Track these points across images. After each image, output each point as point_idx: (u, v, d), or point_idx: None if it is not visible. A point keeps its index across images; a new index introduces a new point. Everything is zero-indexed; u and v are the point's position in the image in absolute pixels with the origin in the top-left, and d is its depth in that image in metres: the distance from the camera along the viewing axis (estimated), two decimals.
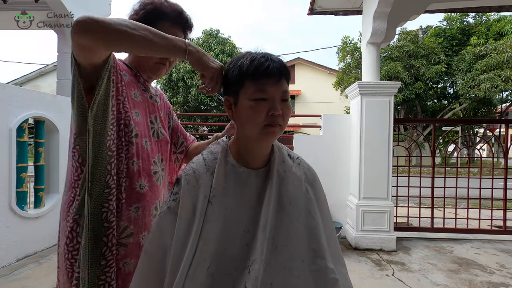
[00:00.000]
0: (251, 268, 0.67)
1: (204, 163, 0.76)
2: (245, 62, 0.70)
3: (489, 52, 11.67)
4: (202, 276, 0.67)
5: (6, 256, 2.69)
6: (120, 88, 0.90)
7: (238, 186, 0.74)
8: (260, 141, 0.74)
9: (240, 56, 0.74)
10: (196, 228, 0.69)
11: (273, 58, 0.71)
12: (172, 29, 0.95)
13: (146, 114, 0.99)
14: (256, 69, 0.69)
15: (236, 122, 0.75)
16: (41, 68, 17.35)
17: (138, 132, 0.93)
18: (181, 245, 0.69)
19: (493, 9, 4.58)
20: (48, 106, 3.15)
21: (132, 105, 0.93)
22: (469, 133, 4.27)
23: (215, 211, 0.71)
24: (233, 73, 0.72)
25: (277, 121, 0.70)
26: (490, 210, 3.66)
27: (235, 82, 0.72)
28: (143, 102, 0.99)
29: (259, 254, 0.68)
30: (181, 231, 0.70)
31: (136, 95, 0.96)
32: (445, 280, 2.54)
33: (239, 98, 0.72)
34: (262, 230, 0.70)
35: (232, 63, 0.74)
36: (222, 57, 14.15)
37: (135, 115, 0.93)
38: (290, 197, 0.74)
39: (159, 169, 0.99)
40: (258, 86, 0.69)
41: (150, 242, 0.75)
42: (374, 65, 3.48)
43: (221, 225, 0.70)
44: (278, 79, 0.70)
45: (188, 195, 0.72)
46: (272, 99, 0.70)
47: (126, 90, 0.92)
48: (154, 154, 0.98)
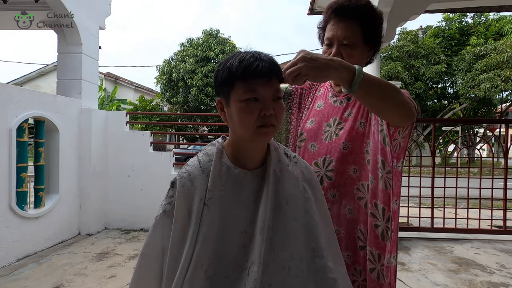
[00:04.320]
0: (250, 270, 0.67)
1: (199, 165, 0.76)
2: (234, 63, 0.69)
3: (489, 52, 11.68)
4: (200, 279, 0.67)
5: (6, 256, 2.69)
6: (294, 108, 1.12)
7: (234, 187, 0.73)
8: (254, 142, 0.73)
9: (229, 57, 0.72)
10: (192, 231, 0.69)
11: (262, 57, 0.69)
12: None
13: (322, 120, 1.04)
14: (245, 70, 0.67)
15: (229, 123, 0.74)
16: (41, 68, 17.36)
17: (307, 136, 1.04)
18: (178, 248, 0.69)
19: (493, 9, 4.58)
20: (48, 106, 3.15)
21: (311, 114, 1.07)
22: (469, 133, 4.27)
23: (211, 214, 0.70)
24: (223, 75, 0.71)
25: (270, 121, 0.69)
26: (490, 210, 3.66)
27: (225, 83, 0.71)
28: (325, 108, 1.06)
29: (257, 255, 0.67)
30: (177, 234, 0.70)
31: (319, 105, 1.07)
32: (445, 280, 2.54)
33: (230, 100, 0.71)
34: (260, 231, 0.69)
35: (222, 64, 0.73)
36: (222, 57, 14.16)
37: (309, 123, 1.05)
38: (287, 196, 0.74)
39: (321, 171, 1.00)
40: (248, 86, 0.68)
41: (147, 245, 0.75)
42: (374, 65, 3.48)
43: (218, 227, 0.70)
44: (269, 78, 0.69)
45: (183, 198, 0.72)
46: (264, 99, 0.69)
47: (312, 104, 1.09)
48: (318, 156, 1.00)
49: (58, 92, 3.66)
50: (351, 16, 0.94)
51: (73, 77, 3.71)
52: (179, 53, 15.34)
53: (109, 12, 4.28)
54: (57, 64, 3.81)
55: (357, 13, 0.94)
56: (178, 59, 15.14)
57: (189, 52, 14.84)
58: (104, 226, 3.85)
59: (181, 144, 14.26)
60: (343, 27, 0.94)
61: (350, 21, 0.94)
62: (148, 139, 3.95)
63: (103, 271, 2.60)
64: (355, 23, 0.94)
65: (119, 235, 3.61)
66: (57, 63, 3.82)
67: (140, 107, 14.82)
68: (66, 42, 3.71)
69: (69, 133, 3.43)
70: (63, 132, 3.32)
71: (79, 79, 3.71)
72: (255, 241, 0.69)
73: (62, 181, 3.31)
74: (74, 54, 3.72)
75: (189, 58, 14.62)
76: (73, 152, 3.49)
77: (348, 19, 0.94)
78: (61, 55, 3.76)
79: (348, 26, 0.94)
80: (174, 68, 14.78)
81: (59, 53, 3.76)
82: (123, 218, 3.85)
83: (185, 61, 14.72)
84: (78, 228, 3.59)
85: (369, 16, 0.96)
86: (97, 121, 3.73)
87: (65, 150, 3.36)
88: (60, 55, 3.76)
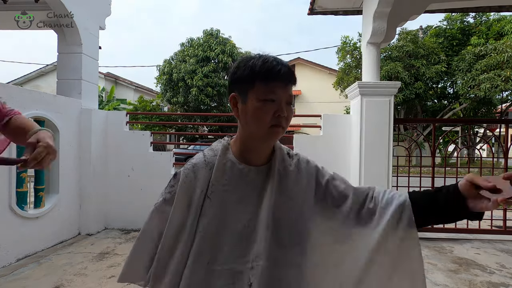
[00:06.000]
0: (255, 264, 0.69)
1: (204, 159, 0.79)
2: (257, 63, 0.73)
3: (489, 52, 11.66)
4: (202, 270, 0.70)
5: (6, 256, 2.69)
6: None
7: (238, 182, 0.76)
8: (265, 140, 0.76)
9: (250, 57, 0.76)
10: (191, 221, 0.73)
11: (283, 63, 0.74)
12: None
13: None
14: (268, 71, 0.71)
15: (241, 120, 0.77)
16: (41, 68, 17.33)
17: None
18: (174, 235, 0.74)
19: (493, 9, 4.58)
20: (48, 106, 3.15)
21: None
22: (469, 133, 4.27)
23: (214, 206, 0.73)
24: (244, 72, 0.74)
25: (281, 123, 0.73)
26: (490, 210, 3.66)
27: (245, 81, 0.74)
28: None
29: (262, 249, 0.70)
30: (174, 221, 0.74)
31: None
32: (445, 280, 2.54)
33: (247, 97, 0.74)
34: (264, 226, 0.72)
35: (243, 62, 0.75)
36: (222, 57, 14.15)
37: None
38: (291, 193, 0.77)
39: None
40: (268, 88, 0.72)
41: (143, 231, 0.81)
42: (374, 65, 3.48)
43: (220, 220, 0.73)
44: (287, 83, 0.73)
45: (185, 189, 0.76)
46: (280, 101, 0.72)
47: None
48: None
49: (58, 92, 3.66)
50: None
51: (73, 77, 3.71)
52: (179, 53, 15.32)
53: (109, 12, 4.28)
54: (57, 64, 3.81)
55: None
56: (178, 59, 15.12)
57: (189, 52, 14.82)
58: (104, 226, 3.85)
59: (181, 144, 14.26)
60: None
61: None
62: (148, 139, 3.95)
63: (103, 271, 2.60)
64: None
65: (119, 235, 3.61)
66: (57, 63, 3.82)
67: (140, 107, 14.81)
68: (66, 42, 3.70)
69: (69, 133, 3.43)
70: (63, 132, 3.32)
71: (79, 79, 3.71)
72: (258, 235, 0.72)
73: (62, 181, 3.31)
74: (74, 54, 3.72)
75: (189, 58, 14.61)
76: (73, 152, 3.49)
77: None
78: (61, 55, 3.76)
79: None
80: (175, 68, 14.76)
81: (59, 53, 3.76)
82: (123, 218, 3.85)
83: (185, 61, 14.70)
84: (78, 228, 3.59)
85: None
86: (97, 121, 3.73)
87: (65, 150, 3.36)
88: (60, 55, 3.76)
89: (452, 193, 0.68)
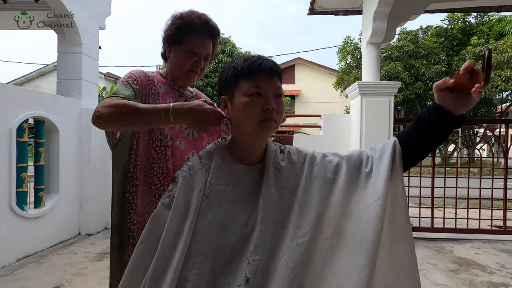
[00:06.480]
0: (251, 259, 0.70)
1: (200, 161, 0.80)
2: (239, 62, 0.75)
3: None
4: (202, 269, 0.70)
5: (6, 256, 2.69)
6: (153, 103, 1.03)
7: (235, 181, 0.77)
8: (256, 136, 0.77)
9: (234, 59, 0.79)
10: (190, 221, 0.72)
11: (266, 58, 0.76)
12: (200, 38, 1.07)
13: None
14: (250, 66, 0.73)
15: (233, 120, 0.78)
16: (41, 68, 17.35)
17: (173, 136, 1.04)
18: (174, 235, 0.72)
19: (493, 9, 4.58)
20: (48, 106, 3.15)
21: None
22: (469, 133, 4.27)
23: (213, 206, 0.74)
24: (228, 73, 0.77)
25: (272, 116, 0.73)
26: (490, 210, 3.66)
27: (230, 81, 0.76)
28: None
29: (260, 245, 0.71)
30: (174, 222, 0.73)
31: (170, 102, 1.05)
32: (445, 280, 2.54)
33: (234, 96, 0.76)
34: (262, 223, 0.72)
35: (227, 65, 0.79)
36: (222, 57, 14.16)
37: None
38: (286, 187, 0.77)
39: None
40: (252, 82, 0.73)
41: (145, 236, 0.78)
42: (374, 65, 3.48)
43: (219, 220, 0.73)
44: (271, 75, 0.75)
45: (183, 190, 0.76)
46: (266, 94, 0.73)
47: (162, 101, 1.05)
48: (188, 152, 1.06)
49: (58, 92, 3.66)
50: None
51: (73, 77, 3.71)
52: None
53: (109, 12, 4.28)
54: (57, 64, 3.81)
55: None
56: None
57: None
58: (104, 226, 3.85)
59: None
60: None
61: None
62: None
63: (103, 271, 2.60)
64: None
65: None
66: (57, 63, 3.81)
67: None
68: (66, 42, 3.70)
69: (69, 133, 3.43)
70: (63, 132, 3.31)
71: (79, 79, 3.71)
72: (256, 233, 0.72)
73: (62, 181, 3.31)
74: (74, 54, 3.72)
75: None
76: (73, 152, 3.49)
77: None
78: (61, 55, 3.75)
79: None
80: None
81: (59, 53, 3.76)
82: None
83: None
84: (78, 228, 3.59)
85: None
86: None
87: (65, 150, 3.36)
88: (60, 55, 3.76)
89: (432, 108, 0.72)
